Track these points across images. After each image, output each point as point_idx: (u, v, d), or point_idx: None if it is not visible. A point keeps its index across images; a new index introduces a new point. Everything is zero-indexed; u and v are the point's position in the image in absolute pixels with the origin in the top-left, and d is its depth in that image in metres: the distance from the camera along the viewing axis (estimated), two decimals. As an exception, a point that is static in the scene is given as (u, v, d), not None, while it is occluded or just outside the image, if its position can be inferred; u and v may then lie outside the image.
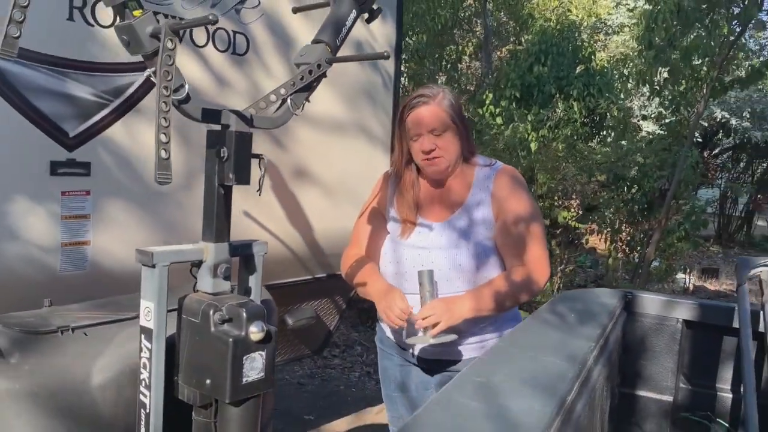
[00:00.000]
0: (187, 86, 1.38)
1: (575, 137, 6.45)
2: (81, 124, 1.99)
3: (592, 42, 8.63)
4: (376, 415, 4.50)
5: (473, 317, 1.90)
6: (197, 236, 2.22)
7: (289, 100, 1.62)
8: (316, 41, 1.69)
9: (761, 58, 11.65)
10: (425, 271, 1.90)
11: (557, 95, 7.29)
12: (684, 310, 1.99)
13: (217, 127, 1.50)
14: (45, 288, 1.92)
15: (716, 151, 14.13)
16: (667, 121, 8.57)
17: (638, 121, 10.66)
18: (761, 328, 1.83)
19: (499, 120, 6.47)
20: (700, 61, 5.59)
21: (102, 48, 2.02)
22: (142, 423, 1.49)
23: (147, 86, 2.12)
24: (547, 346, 1.29)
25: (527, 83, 7.27)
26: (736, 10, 5.27)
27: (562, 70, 7.28)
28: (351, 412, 4.50)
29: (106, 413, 1.52)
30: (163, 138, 1.25)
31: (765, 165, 14.59)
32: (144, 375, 1.48)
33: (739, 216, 14.83)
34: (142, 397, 1.49)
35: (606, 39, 11.65)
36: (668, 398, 2.00)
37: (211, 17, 1.20)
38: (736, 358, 1.98)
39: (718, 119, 11.52)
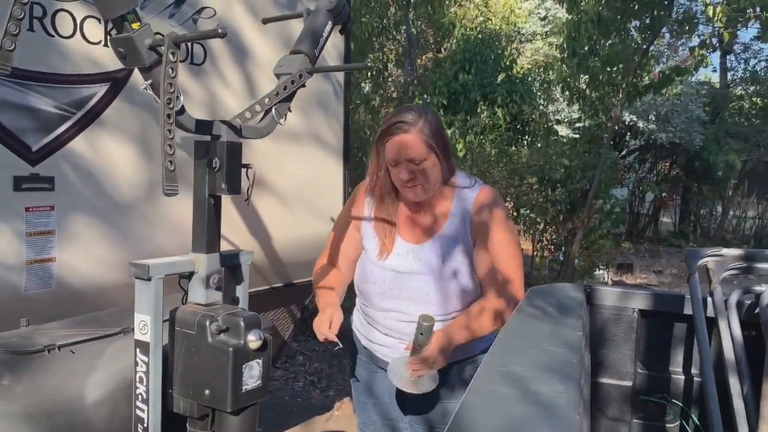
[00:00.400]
0: (182, 98, 1.38)
1: (503, 143, 6.69)
2: (44, 137, 1.93)
3: (510, 50, 8.97)
4: (325, 422, 4.51)
5: None
6: (163, 250, 2.20)
7: (273, 110, 1.64)
8: (295, 52, 1.73)
9: (661, 65, 12.45)
10: (428, 323, 1.83)
11: (482, 102, 7.53)
12: (639, 301, 2.12)
13: (206, 138, 1.51)
14: (9, 308, 1.86)
15: (624, 152, 14.93)
16: (582, 125, 9.01)
17: (553, 125, 11.13)
18: (710, 314, 1.98)
19: (429, 126, 6.61)
20: (616, 68, 5.93)
21: (63, 59, 1.97)
22: (140, 438, 1.47)
23: (109, 98, 2.08)
24: (544, 336, 1.37)
25: (453, 90, 7.48)
26: (648, 21, 5.63)
27: (486, 78, 7.53)
28: (299, 422, 4.48)
29: (100, 430, 1.49)
30: (168, 150, 1.25)
31: (668, 164, 15.53)
32: (141, 389, 1.46)
33: (646, 214, 15.74)
34: (138, 412, 1.47)
35: (521, 47, 12.11)
36: (628, 383, 2.13)
37: (220, 31, 1.21)
38: (687, 342, 2.14)
39: (626, 122, 12.20)
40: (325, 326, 1.95)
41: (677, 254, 13.41)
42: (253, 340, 1.48)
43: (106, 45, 2.07)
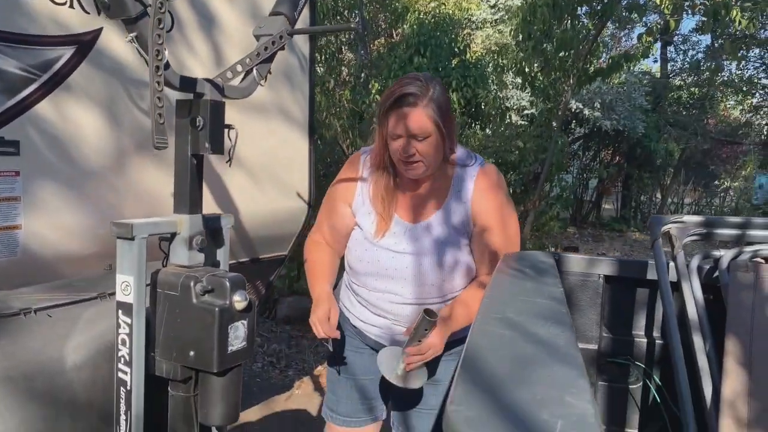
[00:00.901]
0: (166, 52, 1.36)
1: (459, 126, 6.76)
2: (8, 99, 1.85)
3: (463, 36, 9.05)
4: (285, 401, 4.50)
5: None
6: (131, 217, 2.15)
7: (254, 71, 1.62)
8: (274, 13, 1.71)
9: (605, 55, 12.78)
10: (433, 319, 1.78)
11: (436, 86, 7.57)
12: (604, 267, 2.20)
13: (189, 96, 1.48)
14: (-26, 277, 1.79)
15: (570, 139, 15.29)
16: (533, 111, 9.18)
17: (506, 111, 11.29)
18: (672, 278, 2.07)
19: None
20: (567, 53, 6.06)
21: (28, 19, 1.89)
22: (122, 401, 1.44)
23: (76, 61, 2.02)
24: (528, 291, 1.41)
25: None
26: (599, 7, 5.77)
27: (441, 62, 7.57)
28: (260, 401, 4.46)
29: (81, 393, 1.45)
30: (158, 102, 1.22)
31: (611, 152, 15.98)
32: (123, 352, 1.44)
33: (589, 200, 16.18)
34: (121, 374, 1.45)
35: (472, 34, 12.22)
36: (593, 347, 2.20)
37: (213, -21, 1.19)
38: (649, 306, 2.23)
39: (573, 109, 12.48)
40: (326, 323, 1.88)
41: (619, 238, 13.89)
42: (239, 301, 1.47)
43: (72, 6, 2.00)
